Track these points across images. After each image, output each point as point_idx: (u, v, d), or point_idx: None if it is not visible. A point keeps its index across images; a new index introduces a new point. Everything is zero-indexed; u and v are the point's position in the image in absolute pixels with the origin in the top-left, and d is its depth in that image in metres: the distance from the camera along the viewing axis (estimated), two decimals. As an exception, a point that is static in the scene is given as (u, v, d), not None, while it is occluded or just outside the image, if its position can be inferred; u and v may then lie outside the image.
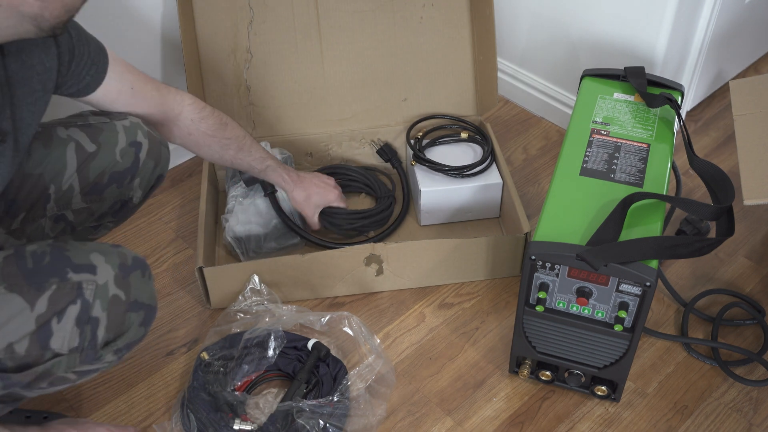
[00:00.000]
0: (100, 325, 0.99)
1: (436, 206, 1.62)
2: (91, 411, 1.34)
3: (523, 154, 1.85)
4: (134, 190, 1.26)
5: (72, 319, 0.97)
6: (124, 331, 1.03)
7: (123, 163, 1.22)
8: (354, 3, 1.64)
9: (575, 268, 1.13)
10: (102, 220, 1.27)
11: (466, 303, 1.51)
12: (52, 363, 0.98)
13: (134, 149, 1.23)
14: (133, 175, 1.24)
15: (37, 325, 0.95)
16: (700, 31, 1.69)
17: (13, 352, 0.95)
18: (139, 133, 1.24)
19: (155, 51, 1.67)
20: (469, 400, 1.34)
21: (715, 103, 1.95)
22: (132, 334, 1.05)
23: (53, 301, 0.96)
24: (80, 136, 1.19)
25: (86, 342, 0.99)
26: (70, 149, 1.17)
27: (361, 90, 1.71)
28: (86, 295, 0.98)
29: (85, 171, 1.19)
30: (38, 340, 0.96)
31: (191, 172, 1.81)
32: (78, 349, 0.99)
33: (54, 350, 0.97)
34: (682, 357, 1.40)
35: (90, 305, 0.98)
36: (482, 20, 1.65)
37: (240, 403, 1.29)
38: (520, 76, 1.95)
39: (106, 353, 1.03)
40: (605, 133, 1.32)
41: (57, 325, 0.96)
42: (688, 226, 1.58)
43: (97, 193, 1.21)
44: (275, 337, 1.35)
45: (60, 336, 0.97)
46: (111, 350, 1.03)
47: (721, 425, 1.30)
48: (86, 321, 0.98)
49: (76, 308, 0.97)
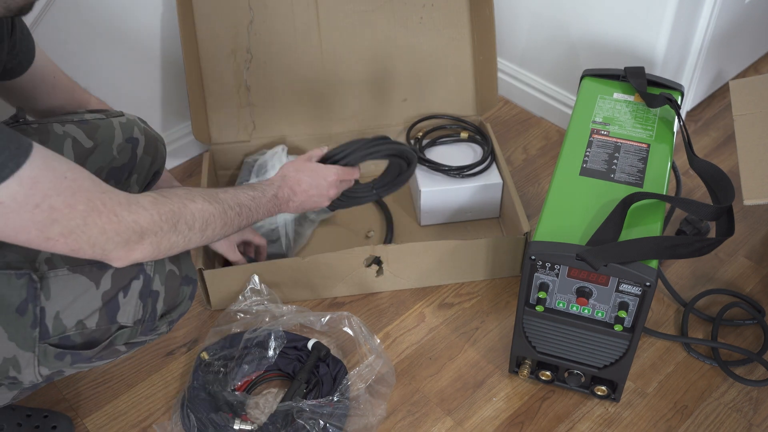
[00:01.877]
0: (159, 297, 1.07)
1: (436, 206, 1.62)
2: (91, 411, 1.34)
3: (523, 154, 1.85)
4: (131, 187, 1.26)
5: (136, 293, 1.04)
6: (178, 303, 1.12)
7: (120, 159, 1.22)
8: (354, 3, 1.64)
9: (575, 268, 1.13)
10: None
11: (466, 303, 1.51)
12: (116, 335, 1.05)
13: (131, 145, 1.24)
14: (131, 171, 1.25)
15: (104, 301, 1.02)
16: (700, 31, 1.69)
17: (84, 328, 1.01)
18: (136, 129, 1.25)
19: (155, 51, 1.67)
20: (469, 400, 1.35)
21: (715, 103, 1.95)
22: (183, 306, 1.13)
23: (117, 278, 1.02)
24: (77, 132, 1.19)
25: (148, 314, 1.06)
26: (67, 145, 1.18)
27: (361, 90, 1.71)
28: (147, 270, 1.05)
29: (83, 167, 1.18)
30: (107, 314, 1.02)
31: (191, 172, 1.81)
32: (140, 321, 1.06)
33: (120, 323, 1.04)
34: (682, 357, 1.40)
35: (151, 279, 1.05)
36: (482, 20, 1.65)
37: (240, 403, 1.29)
38: (520, 76, 1.95)
39: (162, 324, 1.11)
40: (605, 133, 1.32)
41: (123, 299, 1.03)
42: (688, 226, 1.58)
43: None
44: (275, 337, 1.35)
45: (126, 309, 1.03)
46: (166, 321, 1.11)
47: (721, 425, 1.30)
48: (148, 294, 1.05)
49: (139, 283, 1.04)
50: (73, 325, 1.00)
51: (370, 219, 1.68)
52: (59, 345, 1.01)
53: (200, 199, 1.05)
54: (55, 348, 1.01)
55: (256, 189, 1.21)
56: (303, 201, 1.28)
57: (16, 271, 0.98)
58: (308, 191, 1.28)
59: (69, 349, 1.02)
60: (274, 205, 1.23)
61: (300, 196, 1.27)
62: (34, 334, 0.99)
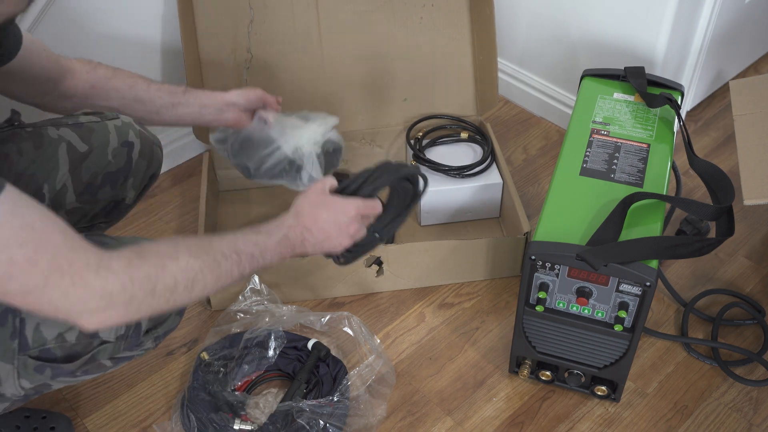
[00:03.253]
0: None
1: (436, 206, 1.62)
2: (91, 411, 1.34)
3: (523, 154, 1.85)
4: (127, 191, 1.26)
5: None
6: (164, 319, 1.08)
7: (116, 163, 1.22)
8: (354, 3, 1.64)
9: (575, 268, 1.13)
10: (94, 221, 1.26)
11: (466, 303, 1.51)
12: (98, 350, 1.01)
13: (126, 149, 1.23)
14: (127, 175, 1.24)
15: None
16: (700, 31, 1.69)
17: (64, 341, 0.98)
18: (131, 132, 1.24)
19: (155, 51, 1.67)
20: (469, 400, 1.35)
21: (715, 103, 1.95)
22: (170, 323, 1.10)
23: None
24: (71, 136, 1.18)
25: (131, 330, 1.03)
26: (62, 149, 1.17)
27: (361, 90, 1.71)
28: None
29: (78, 171, 1.19)
30: None
31: (191, 172, 1.81)
32: (124, 337, 1.02)
33: (102, 338, 1.00)
34: (682, 357, 1.40)
35: None
36: (482, 20, 1.65)
37: (240, 403, 1.29)
38: (520, 76, 1.95)
39: (147, 340, 1.07)
40: (605, 133, 1.32)
41: None
42: (688, 226, 1.58)
43: (91, 194, 1.21)
44: (275, 337, 1.35)
45: None
46: (151, 337, 1.08)
47: (721, 425, 1.30)
48: None
49: None
50: (54, 337, 0.97)
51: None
52: (39, 357, 0.98)
53: (185, 255, 0.92)
54: (35, 360, 0.98)
55: (261, 232, 1.03)
56: (321, 240, 1.07)
57: None
58: (327, 229, 1.07)
59: (50, 362, 0.99)
60: (285, 247, 1.05)
61: (318, 235, 1.07)
62: (13, 346, 0.96)
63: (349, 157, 1.75)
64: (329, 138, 1.36)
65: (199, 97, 1.29)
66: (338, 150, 1.38)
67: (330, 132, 1.37)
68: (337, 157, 1.39)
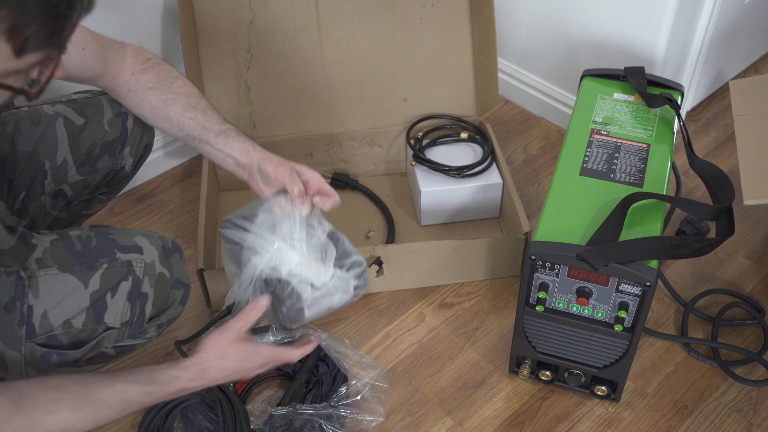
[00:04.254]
0: (148, 300, 1.07)
1: (436, 206, 1.62)
2: (91, 411, 1.34)
3: (523, 154, 1.85)
4: (125, 159, 1.27)
5: (124, 294, 1.04)
6: (167, 307, 1.11)
7: (112, 132, 1.23)
8: (354, 3, 1.64)
9: (575, 268, 1.13)
10: (95, 193, 1.28)
11: (466, 303, 1.51)
12: (103, 336, 1.04)
13: (121, 119, 1.24)
14: (123, 143, 1.26)
15: (92, 300, 1.02)
16: (700, 31, 1.69)
17: (71, 327, 1.01)
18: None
19: (155, 51, 1.67)
20: (469, 400, 1.35)
21: (715, 103, 1.95)
22: (173, 311, 1.13)
23: (105, 279, 1.03)
24: (67, 111, 1.20)
25: (135, 316, 1.06)
26: (59, 124, 1.19)
27: (361, 90, 1.71)
28: (136, 272, 1.05)
29: (77, 143, 1.20)
30: (94, 314, 1.02)
31: (191, 172, 1.81)
32: (128, 323, 1.06)
33: (107, 324, 1.04)
34: (682, 357, 1.40)
35: (140, 281, 1.05)
36: (482, 20, 1.65)
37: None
38: (519, 76, 1.95)
39: (150, 328, 1.10)
40: (605, 133, 1.32)
41: (111, 299, 1.03)
42: (688, 226, 1.58)
43: (91, 164, 1.23)
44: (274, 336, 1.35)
45: (114, 310, 1.04)
46: (154, 325, 1.11)
47: (721, 425, 1.30)
48: (137, 296, 1.06)
49: (128, 284, 1.04)
50: (60, 323, 1.00)
51: (370, 219, 1.68)
52: (46, 344, 1.01)
53: (64, 409, 0.90)
54: (42, 347, 1.01)
55: (156, 382, 0.99)
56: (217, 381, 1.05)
57: (6, 269, 0.98)
58: (228, 376, 1.05)
59: (55, 349, 1.02)
60: (179, 392, 1.02)
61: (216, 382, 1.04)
62: (20, 332, 0.99)
63: (349, 157, 1.75)
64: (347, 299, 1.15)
65: (231, 146, 1.17)
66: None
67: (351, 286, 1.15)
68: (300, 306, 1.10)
